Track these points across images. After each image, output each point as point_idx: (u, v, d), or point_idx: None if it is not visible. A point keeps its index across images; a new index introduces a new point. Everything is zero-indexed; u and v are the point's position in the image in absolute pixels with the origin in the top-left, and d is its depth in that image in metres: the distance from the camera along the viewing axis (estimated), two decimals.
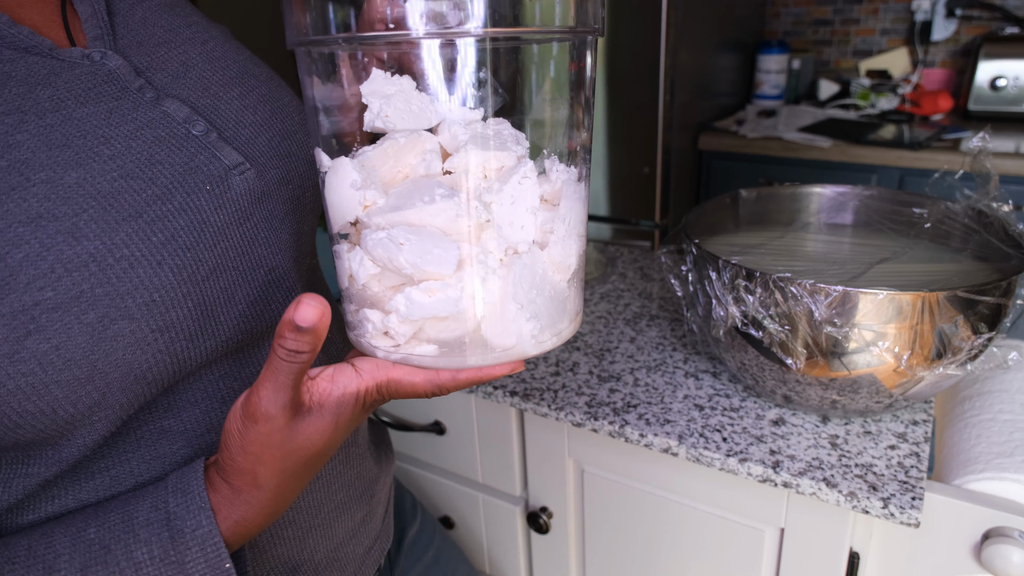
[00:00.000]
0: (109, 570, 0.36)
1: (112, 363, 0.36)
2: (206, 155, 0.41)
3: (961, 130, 1.78)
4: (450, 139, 0.39)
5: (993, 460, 0.67)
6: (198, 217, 0.40)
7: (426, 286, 0.37)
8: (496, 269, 0.38)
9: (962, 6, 1.99)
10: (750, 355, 0.68)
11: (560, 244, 0.40)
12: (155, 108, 0.41)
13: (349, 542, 0.55)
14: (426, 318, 0.37)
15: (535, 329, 0.39)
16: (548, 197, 0.41)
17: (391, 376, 0.39)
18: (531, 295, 0.39)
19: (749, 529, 0.73)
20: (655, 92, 1.64)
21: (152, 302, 0.36)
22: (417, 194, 0.37)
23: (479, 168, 0.38)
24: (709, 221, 0.84)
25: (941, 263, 0.75)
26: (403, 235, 0.36)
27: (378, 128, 0.39)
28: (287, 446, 0.37)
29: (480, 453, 0.91)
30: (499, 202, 0.38)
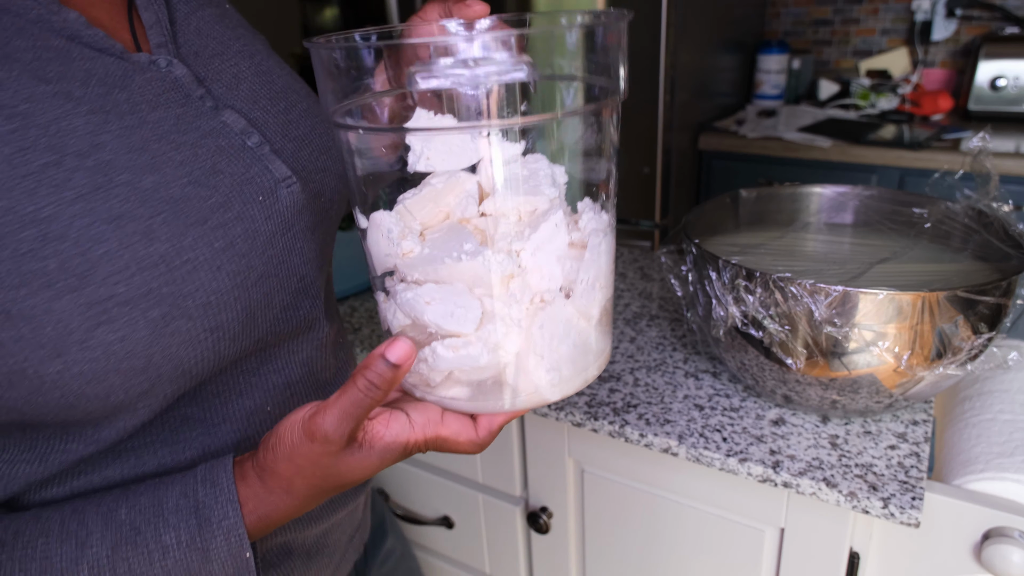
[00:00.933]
0: (138, 551, 0.38)
1: (166, 357, 0.38)
2: (259, 167, 0.44)
3: (961, 130, 1.78)
4: (487, 179, 0.40)
5: (993, 460, 0.67)
6: (252, 226, 0.42)
7: (450, 342, 0.39)
8: (519, 321, 0.39)
9: (962, 6, 1.99)
10: (750, 355, 0.68)
11: (587, 292, 0.41)
12: (215, 118, 0.43)
13: (336, 529, 0.58)
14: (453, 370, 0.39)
15: (554, 379, 0.41)
16: (576, 242, 0.41)
17: (440, 434, 0.41)
18: (553, 345, 0.40)
19: (749, 529, 0.73)
20: (655, 92, 1.64)
21: (208, 304, 0.39)
22: (448, 245, 0.38)
23: (513, 212, 0.39)
24: (709, 221, 0.84)
25: (941, 263, 0.75)
26: (429, 294, 0.38)
27: (421, 170, 0.40)
28: (330, 469, 0.39)
29: (480, 453, 0.91)
30: (528, 250, 0.38)
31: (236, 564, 0.40)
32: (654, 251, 1.18)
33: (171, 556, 0.39)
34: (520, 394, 0.41)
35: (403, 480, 1.02)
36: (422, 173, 0.40)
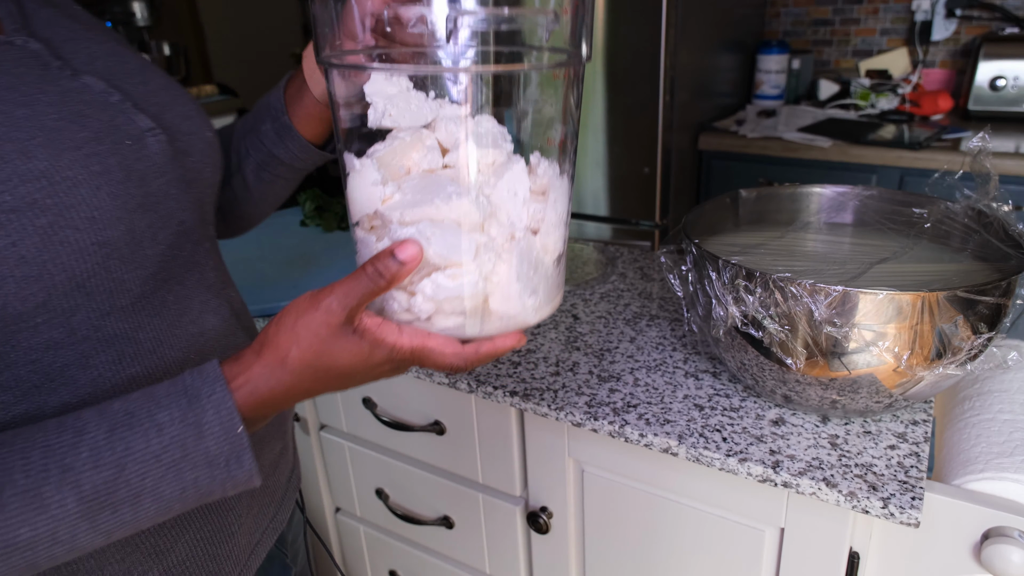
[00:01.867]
0: (135, 431, 0.41)
1: (58, 266, 0.42)
2: (124, 117, 0.48)
3: (961, 130, 1.78)
4: (447, 135, 0.45)
5: (993, 460, 0.67)
6: (124, 162, 0.46)
7: (451, 272, 0.44)
8: (502, 254, 0.45)
9: (962, 6, 1.99)
10: (750, 355, 0.68)
11: (550, 231, 0.48)
12: (75, 80, 0.48)
13: (274, 472, 0.63)
14: (450, 298, 0.44)
15: (535, 302, 0.47)
16: (536, 189, 0.47)
17: (426, 344, 0.45)
18: (529, 274, 0.46)
19: (749, 529, 0.73)
20: (655, 92, 1.64)
21: (92, 218, 0.43)
22: (431, 190, 0.44)
23: (476, 163, 0.45)
24: (709, 221, 0.84)
25: (941, 263, 0.75)
26: (428, 230, 0.43)
27: (385, 125, 0.45)
28: (325, 345, 0.43)
29: (480, 453, 0.91)
30: (498, 195, 0.45)
31: (229, 439, 0.42)
32: (654, 251, 1.18)
33: (166, 433, 0.41)
34: (504, 318, 0.46)
35: (403, 480, 1.02)
36: (384, 129, 0.46)
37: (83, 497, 0.39)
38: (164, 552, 0.52)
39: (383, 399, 0.98)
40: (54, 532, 0.38)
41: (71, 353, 0.45)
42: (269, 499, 0.63)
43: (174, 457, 0.41)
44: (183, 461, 0.41)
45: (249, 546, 0.60)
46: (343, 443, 1.07)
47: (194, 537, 0.54)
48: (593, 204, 1.85)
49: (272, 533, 0.64)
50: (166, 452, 0.41)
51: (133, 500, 0.40)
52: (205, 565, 0.55)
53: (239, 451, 0.43)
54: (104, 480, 0.39)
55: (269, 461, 0.63)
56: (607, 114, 1.73)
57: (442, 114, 0.45)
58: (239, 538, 0.58)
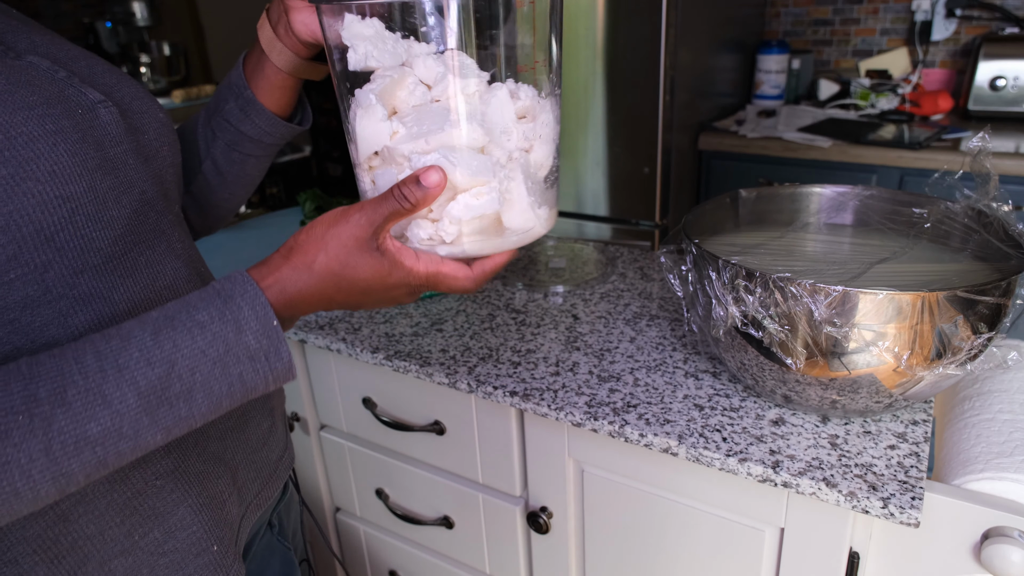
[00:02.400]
0: (178, 331, 0.43)
1: (25, 217, 0.43)
2: (73, 90, 0.49)
3: (961, 130, 1.78)
4: (426, 71, 0.48)
5: (993, 460, 0.67)
6: (79, 126, 0.47)
7: (475, 191, 0.47)
8: (510, 172, 0.48)
9: (962, 6, 1.99)
10: (750, 355, 0.68)
11: (542, 148, 0.51)
12: (19, 60, 0.48)
13: (262, 448, 0.65)
14: (475, 218, 0.47)
15: (543, 215, 0.51)
16: (520, 112, 0.50)
17: (440, 270, 0.49)
18: (534, 189, 0.49)
19: (749, 529, 0.73)
20: (655, 92, 1.64)
21: (53, 172, 0.44)
22: (434, 121, 0.46)
23: (463, 93, 0.47)
24: (709, 221, 0.84)
25: (941, 263, 0.75)
26: (451, 155, 0.46)
27: (368, 67, 0.48)
28: (350, 257, 0.47)
29: (480, 453, 0.91)
30: (489, 119, 0.47)
31: (267, 333, 0.45)
32: (654, 251, 1.18)
33: (208, 330, 0.43)
34: (520, 231, 0.50)
35: (403, 480, 1.02)
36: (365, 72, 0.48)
37: (141, 392, 0.41)
38: (164, 515, 0.53)
39: (383, 399, 0.98)
40: (119, 427, 0.40)
41: (48, 311, 0.46)
42: (255, 473, 0.64)
43: (219, 352, 0.43)
44: (227, 356, 0.44)
45: (238, 516, 0.62)
46: (343, 443, 1.07)
47: (194, 502, 0.55)
48: (593, 204, 1.85)
49: (256, 509, 0.65)
50: (211, 347, 0.43)
51: (187, 395, 0.43)
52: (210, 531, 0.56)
53: (276, 344, 0.45)
54: (158, 376, 0.42)
55: (256, 436, 0.64)
56: (607, 114, 1.73)
57: (414, 52, 0.48)
58: (230, 507, 0.60)
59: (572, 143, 1.81)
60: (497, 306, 1.00)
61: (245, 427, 0.63)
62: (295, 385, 1.07)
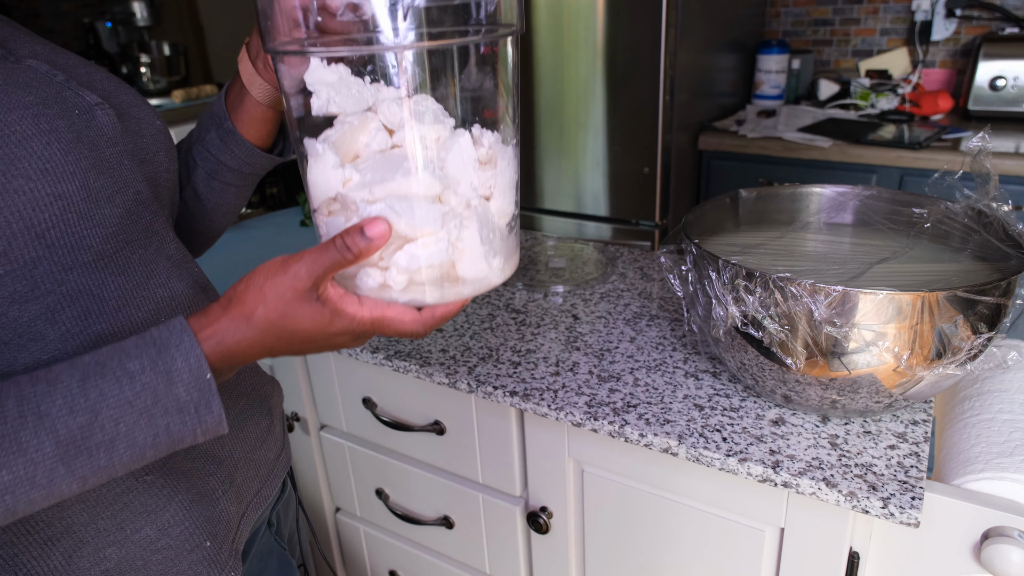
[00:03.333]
0: (107, 379, 0.42)
1: (16, 214, 0.43)
2: (71, 92, 0.50)
3: (961, 130, 1.78)
4: (390, 116, 0.48)
5: (993, 460, 0.67)
6: (74, 126, 0.48)
7: (422, 242, 0.46)
8: (464, 220, 0.47)
9: (962, 6, 1.99)
10: (750, 355, 0.68)
11: (501, 196, 0.51)
12: (19, 64, 0.49)
13: (260, 447, 0.65)
14: (423, 267, 0.47)
15: (499, 263, 0.50)
16: (483, 159, 0.50)
17: (386, 314, 0.48)
18: (490, 237, 0.49)
19: (749, 529, 0.73)
20: (655, 92, 1.64)
21: (45, 170, 0.45)
22: (389, 168, 0.46)
23: (423, 140, 0.47)
24: (709, 221, 0.84)
25: (941, 263, 0.75)
26: (397, 204, 0.45)
27: (330, 112, 0.48)
28: (289, 307, 0.46)
29: (480, 453, 0.91)
30: (449, 166, 0.47)
31: (198, 385, 0.44)
32: (654, 251, 1.18)
33: (138, 380, 0.42)
34: (473, 281, 0.50)
35: (403, 480, 1.02)
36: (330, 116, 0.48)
37: (59, 441, 0.40)
38: (157, 511, 0.54)
39: (383, 399, 0.98)
40: (32, 475, 0.40)
41: (36, 307, 0.47)
42: (254, 473, 0.65)
43: (146, 403, 0.43)
44: (155, 407, 0.43)
45: (237, 514, 0.62)
46: (343, 443, 1.07)
47: (184, 498, 0.55)
48: (593, 204, 1.85)
49: (256, 507, 0.65)
50: (138, 398, 0.42)
51: (108, 445, 0.42)
52: (201, 527, 0.57)
53: (208, 397, 0.44)
54: (79, 425, 0.41)
55: (255, 435, 0.64)
56: (607, 114, 1.73)
57: (381, 97, 0.48)
58: (225, 504, 0.60)
59: (572, 143, 1.81)
60: (497, 306, 1.00)
61: (243, 425, 0.63)
62: (295, 385, 1.07)
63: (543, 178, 1.90)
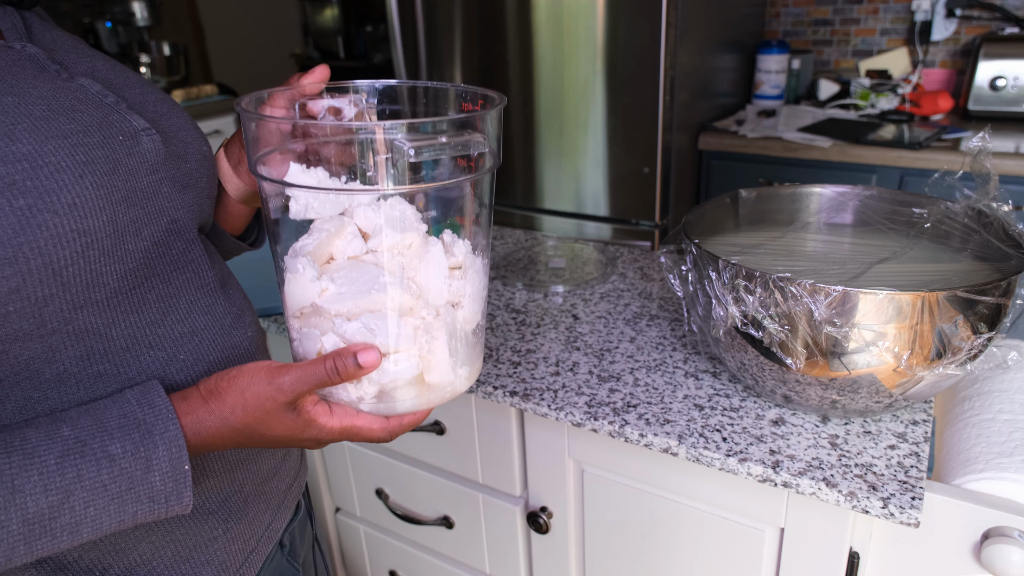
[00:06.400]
0: (86, 460, 0.42)
1: (35, 250, 0.42)
2: (118, 116, 0.49)
3: (961, 130, 1.78)
4: (365, 221, 0.49)
5: (993, 460, 0.67)
6: (112, 155, 0.47)
7: (394, 358, 0.48)
8: (433, 332, 0.49)
9: (962, 6, 1.99)
10: (750, 355, 0.68)
11: (470, 304, 0.52)
12: (71, 82, 0.49)
13: (273, 478, 0.63)
14: (394, 380, 0.49)
15: (464, 373, 0.53)
16: (453, 265, 0.51)
17: (354, 423, 0.50)
18: (456, 346, 0.51)
19: (749, 529, 0.73)
20: (655, 92, 1.64)
21: (74, 205, 0.43)
22: (363, 281, 0.48)
23: (397, 247, 0.48)
24: (709, 221, 0.84)
25: (941, 263, 0.75)
26: (372, 322, 0.47)
27: (308, 217, 0.49)
28: (267, 416, 0.47)
29: (480, 453, 0.91)
30: (421, 276, 0.49)
31: (175, 475, 0.44)
32: (654, 251, 1.18)
33: (117, 465, 0.42)
34: (440, 389, 0.51)
35: (403, 480, 1.02)
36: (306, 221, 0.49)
37: (27, 519, 0.39)
38: (124, 551, 0.52)
39: None
40: None
41: (39, 346, 0.45)
42: (265, 506, 0.62)
43: (120, 488, 0.42)
44: (128, 493, 0.43)
45: (243, 553, 0.59)
46: (343, 443, 1.07)
47: (160, 540, 0.53)
48: (593, 204, 1.85)
49: (268, 541, 0.63)
50: (114, 483, 0.42)
51: (73, 528, 0.41)
52: (176, 567, 0.54)
53: (180, 488, 0.45)
54: (50, 504, 0.40)
55: (267, 467, 0.62)
56: (607, 114, 1.73)
57: (356, 201, 0.49)
58: (224, 543, 0.57)
59: (572, 143, 1.81)
60: (497, 306, 1.00)
61: (257, 459, 0.61)
62: None
63: (543, 178, 1.90)
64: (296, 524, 0.70)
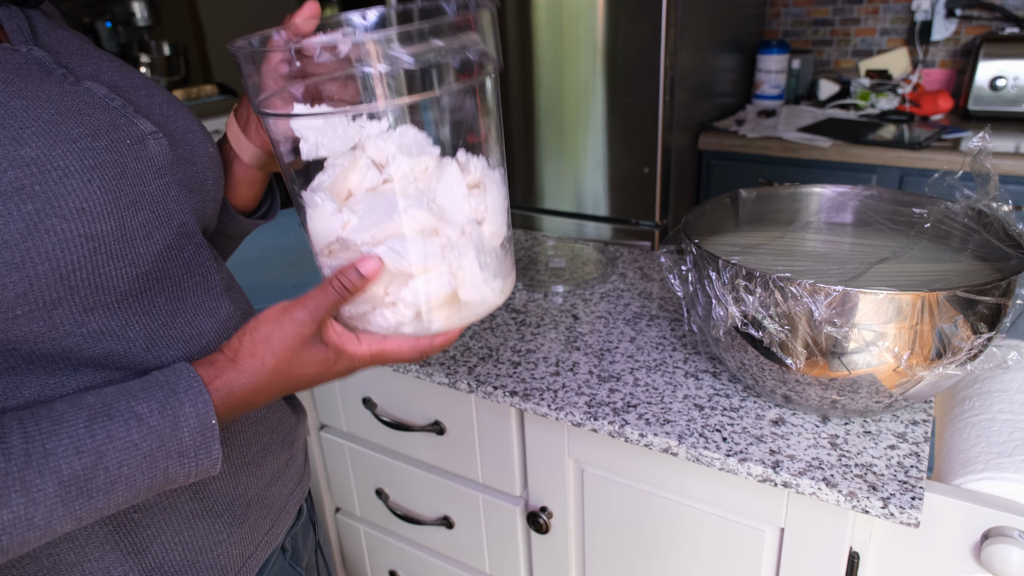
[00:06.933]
0: (114, 421, 0.42)
1: (42, 255, 0.42)
2: (125, 120, 0.49)
3: (961, 130, 1.78)
4: (377, 152, 0.49)
5: (993, 460, 0.67)
6: (120, 159, 0.46)
7: (424, 277, 0.48)
8: (461, 249, 0.49)
9: (962, 6, 1.99)
10: (750, 355, 0.68)
11: (493, 218, 0.52)
12: (78, 86, 0.48)
13: (276, 483, 0.63)
14: (429, 300, 0.48)
15: (496, 287, 0.52)
16: (471, 184, 0.51)
17: (384, 347, 0.50)
18: (487, 261, 0.51)
19: (749, 529, 0.73)
20: (655, 92, 1.64)
21: (82, 209, 0.43)
22: (384, 208, 0.47)
23: (412, 172, 0.48)
24: (709, 221, 0.84)
25: (941, 263, 0.75)
26: (399, 245, 0.47)
27: (319, 156, 0.49)
28: (297, 355, 0.48)
29: (480, 453, 0.91)
30: (441, 197, 0.49)
31: (203, 430, 0.45)
32: (654, 251, 1.18)
33: (145, 424, 0.43)
34: (476, 305, 0.51)
35: (403, 480, 1.02)
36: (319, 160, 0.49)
37: (63, 482, 0.40)
38: (141, 552, 0.52)
39: (383, 399, 0.98)
40: (31, 516, 0.39)
41: (51, 346, 0.45)
42: (266, 511, 0.62)
43: (151, 446, 0.43)
44: (159, 451, 0.43)
45: (241, 558, 0.59)
46: (343, 443, 1.07)
47: (171, 540, 0.53)
48: (593, 204, 1.85)
49: (267, 547, 0.63)
50: (144, 441, 0.43)
51: (109, 488, 0.42)
52: (184, 571, 0.54)
53: (209, 442, 0.45)
54: (84, 466, 0.41)
55: (271, 472, 0.62)
56: (607, 114, 1.73)
57: (366, 134, 0.49)
58: (228, 547, 0.57)
59: (572, 143, 1.81)
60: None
61: (262, 463, 0.60)
62: None
63: (543, 178, 1.90)
64: (298, 529, 0.70)
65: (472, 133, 0.52)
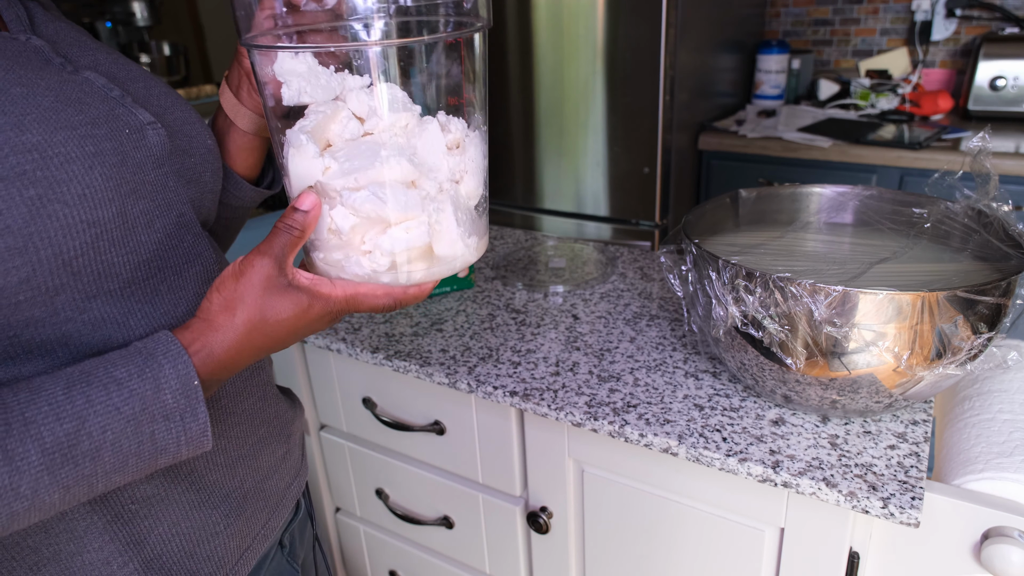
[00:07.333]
0: (92, 387, 0.42)
1: (45, 240, 0.42)
2: (124, 110, 0.49)
3: (961, 130, 1.78)
4: (358, 104, 0.49)
5: (993, 460, 0.67)
6: (120, 148, 0.47)
7: (404, 226, 0.48)
8: (440, 204, 0.49)
9: (962, 6, 1.99)
10: (750, 355, 0.68)
11: (471, 179, 0.53)
12: (76, 75, 0.49)
13: (272, 476, 0.63)
14: (405, 250, 0.49)
15: (472, 244, 0.52)
16: (450, 144, 0.52)
17: (358, 291, 0.50)
18: (463, 218, 0.51)
19: (749, 529, 0.73)
20: (655, 92, 1.64)
21: (84, 196, 0.43)
22: (366, 157, 0.48)
23: (393, 127, 0.49)
24: (709, 221, 0.84)
25: (941, 263, 0.75)
26: (380, 191, 0.47)
27: (302, 102, 0.49)
28: (268, 300, 0.47)
29: (480, 453, 0.91)
30: (421, 152, 0.49)
31: (186, 391, 0.44)
32: (654, 251, 1.18)
33: (126, 387, 0.42)
34: (449, 259, 0.52)
35: (403, 480, 1.02)
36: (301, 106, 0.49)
37: (45, 449, 0.39)
38: (139, 543, 0.52)
39: (383, 399, 0.98)
40: (17, 485, 0.39)
41: (54, 332, 0.45)
42: (263, 503, 0.62)
43: (133, 410, 0.42)
44: (142, 414, 0.43)
45: (239, 550, 0.59)
46: (343, 443, 1.07)
47: (168, 531, 0.53)
48: (593, 204, 1.85)
49: (264, 540, 0.63)
50: (126, 404, 0.42)
51: (94, 453, 0.41)
52: (182, 563, 0.54)
53: (194, 404, 0.44)
54: (66, 432, 0.40)
55: (268, 464, 0.62)
56: (607, 114, 1.73)
57: (348, 86, 0.49)
58: (225, 539, 0.57)
59: (572, 143, 1.81)
60: (497, 306, 1.00)
61: (258, 455, 0.61)
62: (295, 385, 1.07)
63: (543, 178, 1.90)
64: (296, 524, 0.70)
65: (454, 96, 0.53)
